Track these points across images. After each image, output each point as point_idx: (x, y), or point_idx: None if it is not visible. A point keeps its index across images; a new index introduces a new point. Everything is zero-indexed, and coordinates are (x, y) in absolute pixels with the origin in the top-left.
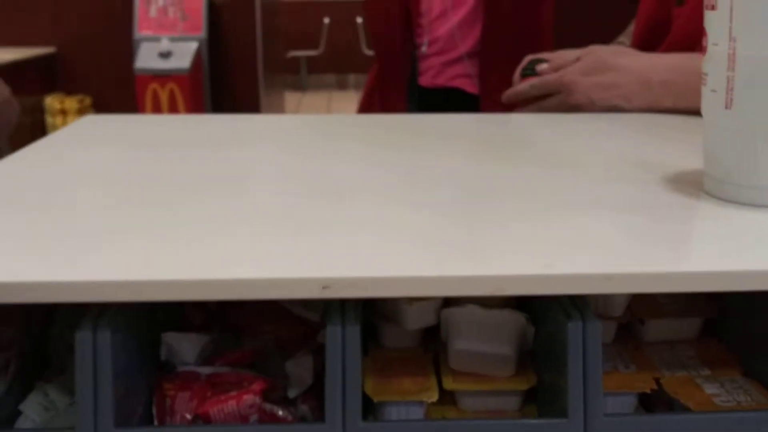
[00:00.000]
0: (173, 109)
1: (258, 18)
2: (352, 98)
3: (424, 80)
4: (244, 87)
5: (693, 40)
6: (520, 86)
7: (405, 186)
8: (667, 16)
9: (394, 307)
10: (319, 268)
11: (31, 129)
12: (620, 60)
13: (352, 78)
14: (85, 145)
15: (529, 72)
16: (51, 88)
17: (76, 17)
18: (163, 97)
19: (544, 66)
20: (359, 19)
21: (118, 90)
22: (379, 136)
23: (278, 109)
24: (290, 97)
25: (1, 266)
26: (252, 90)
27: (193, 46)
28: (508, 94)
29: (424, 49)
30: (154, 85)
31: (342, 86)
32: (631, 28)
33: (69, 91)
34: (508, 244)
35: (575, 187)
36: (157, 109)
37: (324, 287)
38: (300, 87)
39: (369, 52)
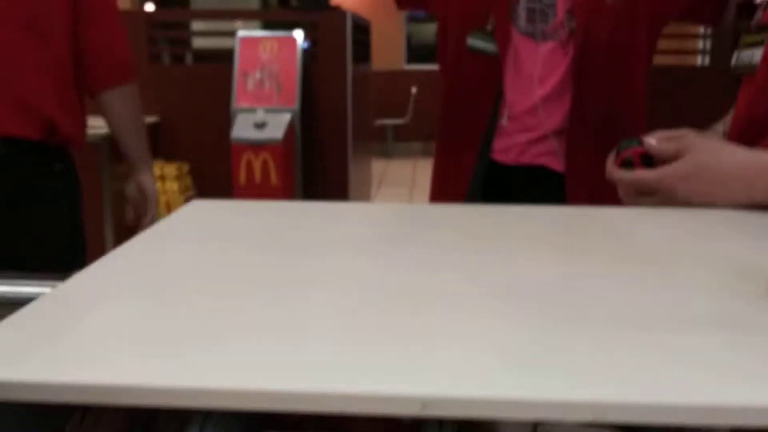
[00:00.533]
0: (265, 176)
1: (349, 89)
2: None
3: (507, 157)
4: (333, 155)
5: None
6: (616, 175)
7: (497, 295)
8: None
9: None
10: (418, 385)
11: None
12: (723, 162)
13: None
14: (190, 236)
15: (627, 146)
16: (153, 154)
17: (179, 90)
18: (257, 165)
19: (652, 141)
20: None
21: (215, 158)
22: (467, 233)
23: (365, 175)
24: (377, 164)
25: (104, 368)
26: (341, 158)
27: (287, 117)
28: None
29: (504, 122)
30: (248, 154)
31: (428, 154)
32: (729, 117)
33: (168, 158)
34: (609, 365)
35: (678, 298)
36: (250, 176)
37: (423, 406)
38: (386, 154)
39: None
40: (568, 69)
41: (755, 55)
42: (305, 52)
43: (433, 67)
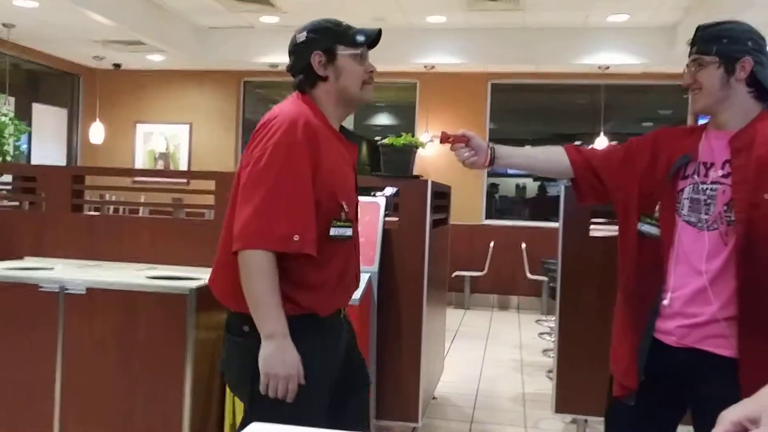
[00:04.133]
0: None
1: (427, 244)
2: (513, 320)
3: (669, 339)
4: (409, 307)
5: None
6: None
7: None
8: None
9: None
10: None
11: (213, 344)
12: None
13: (513, 300)
14: None
15: None
16: None
17: None
18: None
19: None
20: (524, 245)
21: None
22: None
23: (439, 324)
24: (453, 314)
25: None
26: (416, 309)
27: (365, 277)
28: None
29: (666, 303)
30: None
31: (503, 307)
32: None
33: None
34: None
35: None
36: None
37: None
38: (462, 305)
39: (532, 277)
40: (728, 257)
41: None
42: (386, 215)
43: (509, 222)
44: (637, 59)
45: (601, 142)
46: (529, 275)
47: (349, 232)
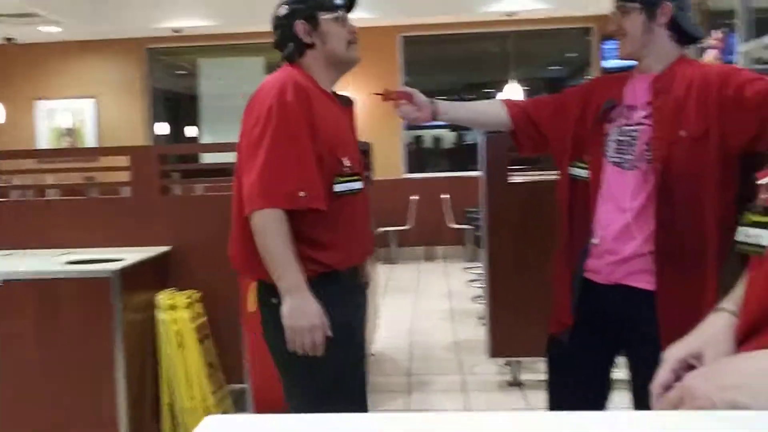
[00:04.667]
0: None
1: None
2: (440, 270)
3: (598, 277)
4: None
5: None
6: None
7: None
8: None
9: None
10: None
11: (141, 324)
12: (740, 358)
13: (439, 250)
14: None
15: None
16: (163, 284)
17: (190, 219)
18: None
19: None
20: (445, 195)
21: (227, 286)
22: None
23: (372, 282)
24: (381, 270)
25: None
26: None
27: None
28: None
29: (595, 242)
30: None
31: (430, 258)
32: (739, 294)
33: (180, 287)
34: None
35: None
36: None
37: None
38: (390, 260)
39: (455, 226)
40: (649, 194)
41: (763, 236)
42: None
43: (429, 175)
44: (543, 4)
45: (512, 89)
46: (452, 225)
47: (357, 185)
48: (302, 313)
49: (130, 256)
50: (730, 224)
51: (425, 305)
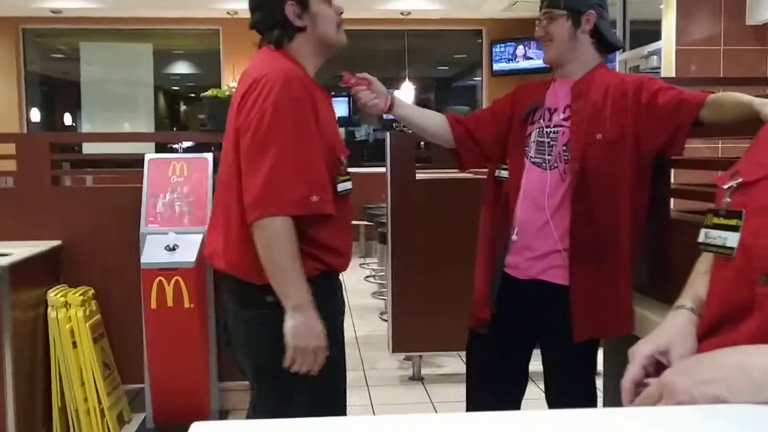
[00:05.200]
0: (178, 300)
1: None
2: None
3: (517, 273)
4: None
5: None
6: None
7: None
8: (748, 296)
9: None
10: None
11: (32, 323)
12: (717, 354)
13: None
14: None
15: None
16: (55, 281)
17: (82, 212)
18: (168, 289)
19: None
20: None
21: (123, 282)
22: None
23: None
24: None
25: None
26: None
27: (199, 238)
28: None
29: (514, 238)
30: (159, 278)
31: None
32: (697, 292)
33: (72, 284)
34: None
35: None
36: (162, 300)
37: None
38: None
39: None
40: (565, 193)
41: (729, 238)
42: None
43: None
44: (437, 5)
45: (406, 87)
46: None
47: (349, 185)
48: (309, 334)
49: (18, 251)
50: (642, 223)
51: None
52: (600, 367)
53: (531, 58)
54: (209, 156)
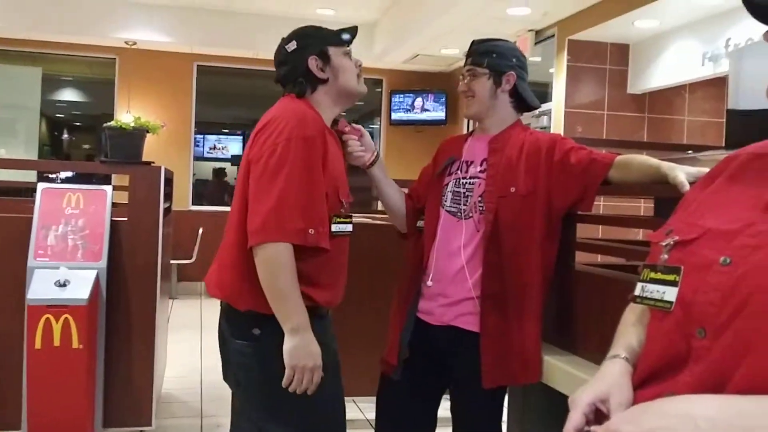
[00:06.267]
0: (66, 339)
1: (160, 235)
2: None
3: (431, 318)
4: (141, 304)
5: (722, 377)
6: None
7: None
8: (686, 348)
9: None
10: None
11: None
12: (662, 402)
13: None
14: None
15: None
16: None
17: None
18: (56, 327)
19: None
20: None
21: (6, 319)
22: None
23: (163, 319)
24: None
25: None
26: (149, 305)
27: (92, 274)
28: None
29: (428, 284)
30: (47, 315)
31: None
32: (629, 342)
33: None
34: None
35: None
36: (47, 339)
37: None
38: (171, 294)
39: None
40: (479, 242)
41: (667, 292)
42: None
43: (217, 208)
44: None
45: None
46: None
47: (349, 227)
48: (308, 354)
49: None
50: (551, 274)
51: (211, 342)
52: (504, 415)
53: (428, 110)
54: (108, 189)
